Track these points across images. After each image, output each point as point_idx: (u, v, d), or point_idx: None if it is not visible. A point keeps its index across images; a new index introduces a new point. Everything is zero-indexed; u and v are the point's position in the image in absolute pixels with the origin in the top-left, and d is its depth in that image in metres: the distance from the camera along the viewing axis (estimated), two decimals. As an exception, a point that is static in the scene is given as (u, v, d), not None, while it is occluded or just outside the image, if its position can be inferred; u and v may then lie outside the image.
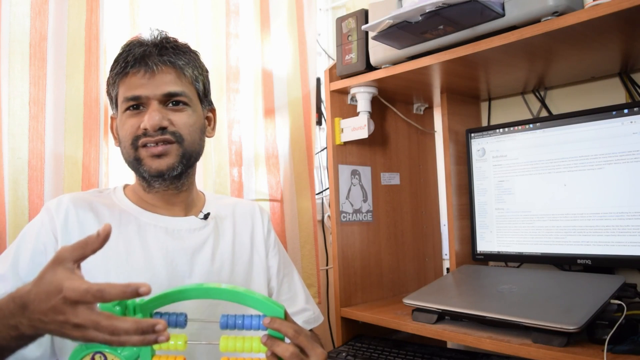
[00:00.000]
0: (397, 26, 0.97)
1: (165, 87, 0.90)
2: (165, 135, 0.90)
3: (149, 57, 0.90)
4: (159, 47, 0.92)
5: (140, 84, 0.90)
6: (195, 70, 0.96)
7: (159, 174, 0.92)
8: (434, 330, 1.05)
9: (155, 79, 0.90)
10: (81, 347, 0.72)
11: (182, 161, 0.93)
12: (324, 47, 1.81)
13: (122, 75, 0.91)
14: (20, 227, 0.97)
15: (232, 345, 0.73)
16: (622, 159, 1.06)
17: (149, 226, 0.94)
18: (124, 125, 0.92)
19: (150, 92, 0.90)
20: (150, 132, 0.89)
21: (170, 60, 0.91)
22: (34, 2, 1.09)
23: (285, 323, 0.72)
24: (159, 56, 0.90)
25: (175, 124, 0.92)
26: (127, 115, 0.92)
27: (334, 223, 1.30)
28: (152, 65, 0.89)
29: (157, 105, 0.90)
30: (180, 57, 0.93)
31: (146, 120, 0.89)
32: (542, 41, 0.95)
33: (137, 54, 0.90)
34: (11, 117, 1.06)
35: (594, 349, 0.86)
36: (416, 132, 1.54)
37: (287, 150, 1.52)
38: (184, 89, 0.93)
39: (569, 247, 1.13)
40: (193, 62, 0.96)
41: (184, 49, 0.96)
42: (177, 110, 0.93)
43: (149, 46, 0.91)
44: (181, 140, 0.92)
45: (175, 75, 0.92)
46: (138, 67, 0.89)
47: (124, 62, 0.90)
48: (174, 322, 0.73)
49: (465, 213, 1.37)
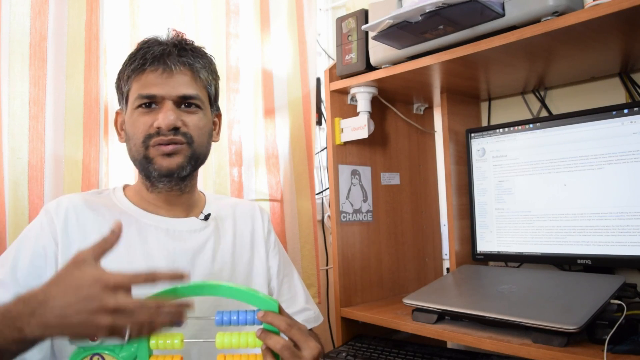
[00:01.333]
0: (397, 26, 0.97)
1: (181, 89, 0.91)
2: (177, 136, 0.91)
3: (168, 56, 0.90)
4: (178, 48, 0.93)
5: (156, 82, 0.90)
6: (210, 74, 0.97)
7: (168, 173, 0.92)
8: (434, 330, 1.05)
9: (172, 79, 0.90)
10: (79, 349, 0.72)
11: (191, 162, 0.93)
12: (324, 47, 1.81)
13: (139, 71, 0.91)
14: (20, 228, 0.97)
15: (228, 341, 0.74)
16: (622, 159, 1.06)
17: (149, 227, 0.94)
18: (136, 122, 0.91)
19: (166, 93, 0.90)
20: (163, 131, 0.89)
21: (188, 62, 0.92)
22: (34, 2, 1.09)
23: (278, 316, 0.74)
24: (178, 57, 0.91)
25: (188, 126, 0.92)
26: (139, 112, 0.91)
27: (334, 223, 1.30)
28: (170, 64, 0.90)
29: (171, 105, 0.91)
30: (197, 59, 0.94)
31: (160, 119, 0.89)
32: (542, 41, 0.95)
33: (156, 52, 0.90)
34: (11, 117, 1.06)
35: (594, 349, 0.86)
36: (416, 132, 1.54)
37: (287, 150, 1.52)
38: (198, 92, 0.94)
39: (569, 247, 1.13)
40: (208, 67, 0.97)
41: (201, 52, 0.97)
42: (190, 112, 0.93)
43: (169, 46, 0.92)
44: (191, 141, 0.92)
45: (191, 77, 0.93)
46: (157, 65, 0.90)
47: (142, 58, 0.90)
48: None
49: (465, 213, 1.37)
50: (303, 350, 0.74)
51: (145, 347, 0.72)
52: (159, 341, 0.73)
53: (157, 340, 0.73)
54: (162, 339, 0.73)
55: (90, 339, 0.68)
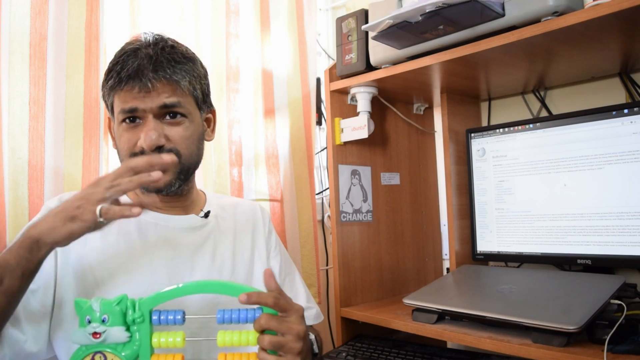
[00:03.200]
0: (397, 26, 0.97)
1: (161, 99, 0.88)
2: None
3: (142, 73, 0.86)
4: (153, 61, 0.87)
5: (136, 97, 0.87)
6: (193, 80, 0.92)
7: (156, 191, 0.92)
8: (434, 330, 1.05)
9: (150, 95, 0.87)
10: (82, 347, 0.72)
11: (180, 177, 0.92)
12: (324, 47, 1.81)
13: (117, 89, 0.88)
14: (20, 227, 0.97)
15: (230, 339, 0.75)
16: (622, 159, 1.06)
17: (149, 225, 0.94)
18: (121, 137, 0.90)
19: (147, 106, 0.87)
20: (147, 152, 0.87)
21: (165, 76, 0.87)
22: (34, 2, 1.09)
23: (262, 294, 0.75)
24: (153, 72, 0.86)
25: (172, 140, 0.89)
26: (123, 127, 0.90)
27: (334, 223, 1.30)
28: (145, 82, 0.86)
29: (152, 122, 0.88)
30: (175, 71, 0.89)
31: (142, 139, 0.87)
32: (542, 41, 0.95)
33: (130, 70, 0.86)
34: (11, 117, 1.06)
35: (594, 349, 0.86)
36: (416, 132, 1.54)
37: (287, 150, 1.52)
38: (181, 100, 0.90)
39: (569, 247, 1.13)
40: (190, 73, 0.91)
41: (179, 58, 0.90)
42: (174, 123, 0.90)
43: (143, 59, 0.87)
44: (179, 156, 0.89)
45: (171, 89, 0.89)
46: (132, 84, 0.86)
47: (118, 77, 0.87)
48: (172, 320, 0.74)
49: (465, 213, 1.37)
50: (291, 315, 0.76)
51: (147, 345, 0.73)
52: (160, 339, 0.74)
53: (159, 339, 0.74)
54: (164, 337, 0.74)
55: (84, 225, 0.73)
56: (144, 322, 0.73)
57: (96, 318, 0.72)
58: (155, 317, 0.74)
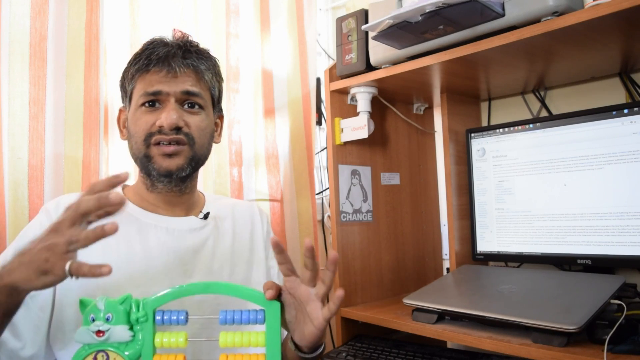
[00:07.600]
0: (397, 26, 0.96)
1: (185, 86, 0.92)
2: (179, 136, 0.91)
3: (172, 58, 0.91)
4: (183, 50, 0.93)
5: (161, 81, 0.91)
6: (214, 76, 0.98)
7: (167, 173, 0.92)
8: (434, 330, 1.05)
9: (176, 80, 0.91)
10: (84, 347, 0.73)
11: (191, 163, 0.94)
12: (324, 47, 1.81)
13: (143, 71, 0.92)
14: (20, 227, 0.97)
15: (232, 340, 0.75)
16: (622, 159, 1.06)
17: (149, 226, 0.94)
18: (138, 120, 0.92)
19: (171, 89, 0.91)
20: (165, 130, 0.90)
21: (192, 63, 0.93)
22: (34, 2, 1.09)
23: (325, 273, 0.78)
24: (182, 58, 0.92)
25: (190, 126, 0.93)
26: (142, 110, 0.92)
27: (334, 223, 1.30)
28: (174, 66, 0.90)
29: (174, 104, 0.91)
30: (202, 61, 0.95)
31: (163, 118, 0.90)
32: (542, 41, 0.95)
33: (161, 53, 0.91)
34: (11, 117, 1.06)
35: (594, 349, 0.86)
36: (416, 132, 1.54)
37: (287, 150, 1.52)
38: (202, 92, 0.94)
39: (569, 247, 1.13)
40: (213, 68, 0.98)
41: (206, 54, 0.98)
42: (192, 112, 0.94)
43: (174, 47, 0.93)
44: (193, 142, 0.93)
45: (195, 78, 0.94)
46: (161, 67, 0.91)
47: (147, 59, 0.91)
48: (175, 320, 0.75)
49: (465, 213, 1.37)
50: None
51: (150, 345, 0.73)
52: (163, 339, 0.74)
53: (162, 338, 0.74)
54: (166, 337, 0.74)
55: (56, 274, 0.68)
56: (148, 321, 0.73)
57: (100, 317, 0.72)
58: (158, 317, 0.75)
